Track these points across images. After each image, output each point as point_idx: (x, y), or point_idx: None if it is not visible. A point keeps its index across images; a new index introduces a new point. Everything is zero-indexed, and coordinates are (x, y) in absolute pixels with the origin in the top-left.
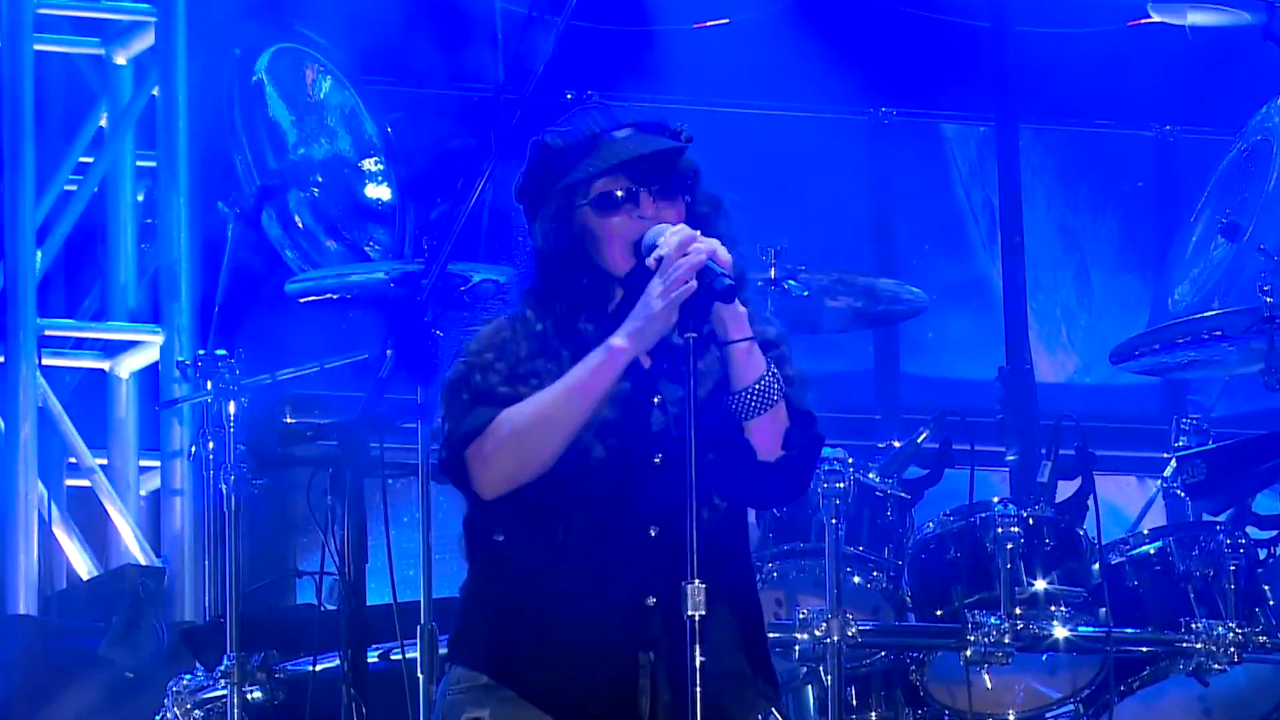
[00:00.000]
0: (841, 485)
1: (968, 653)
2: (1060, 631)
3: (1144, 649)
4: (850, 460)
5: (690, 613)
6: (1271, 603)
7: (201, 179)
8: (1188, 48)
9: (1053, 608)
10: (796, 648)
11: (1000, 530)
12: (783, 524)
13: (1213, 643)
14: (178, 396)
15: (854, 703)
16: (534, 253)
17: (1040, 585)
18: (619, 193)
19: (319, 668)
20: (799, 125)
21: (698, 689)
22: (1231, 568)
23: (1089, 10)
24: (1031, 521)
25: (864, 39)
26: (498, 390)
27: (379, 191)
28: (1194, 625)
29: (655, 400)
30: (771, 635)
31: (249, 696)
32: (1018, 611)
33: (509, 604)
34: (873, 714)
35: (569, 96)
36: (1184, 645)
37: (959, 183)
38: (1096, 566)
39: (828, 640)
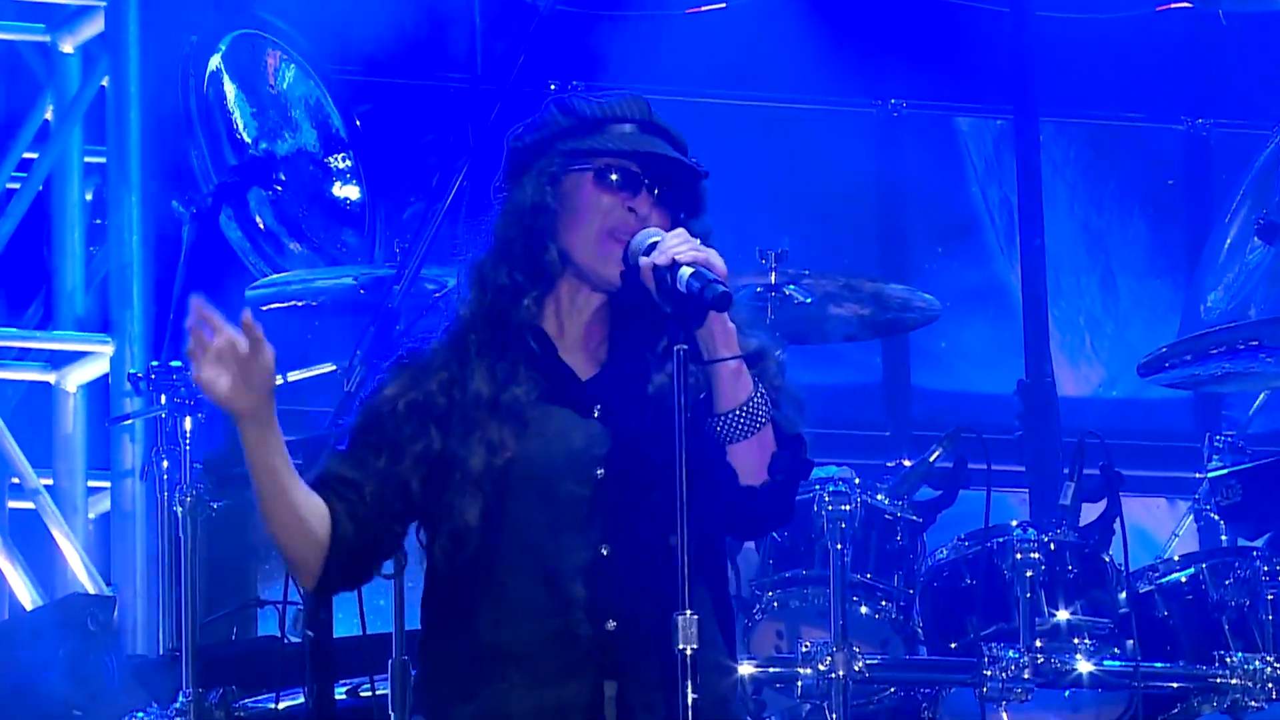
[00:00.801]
0: (847, 508)
1: (984, 689)
2: (1084, 666)
3: (1175, 684)
4: (857, 480)
5: (681, 646)
6: None
7: (155, 176)
8: (1221, 34)
9: (1076, 640)
10: (799, 683)
11: (1019, 556)
12: (784, 550)
13: (1249, 678)
14: (129, 411)
15: None
16: (507, 209)
17: (1062, 616)
18: (625, 175)
19: (282, 705)
20: (801, 118)
21: None
22: (1269, 597)
23: None
24: (1053, 547)
25: (871, 25)
26: (354, 452)
27: (347, 190)
28: (1229, 659)
29: (595, 413)
30: (772, 670)
31: None
32: (1038, 644)
33: (459, 642)
34: None
35: (552, 87)
36: (1218, 681)
37: (974, 180)
38: (1123, 595)
39: (832, 675)
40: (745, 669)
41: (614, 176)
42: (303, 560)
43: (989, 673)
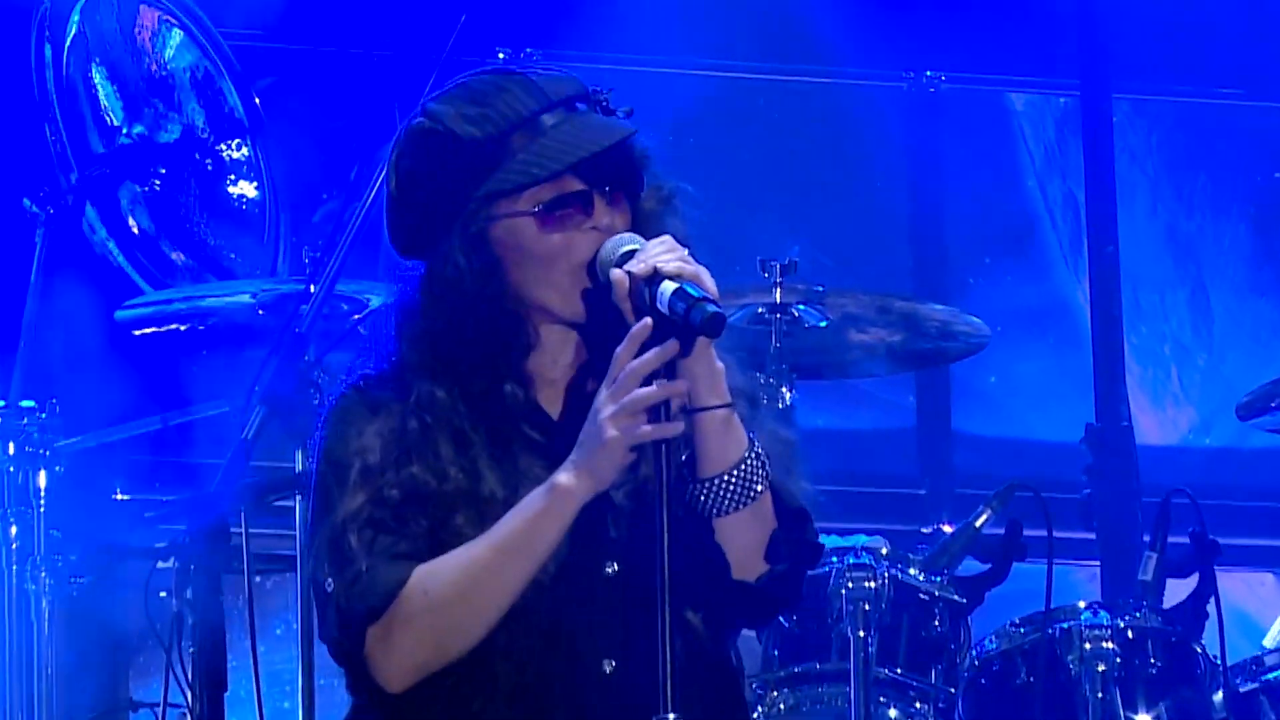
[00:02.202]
0: (872, 585)
1: None
2: None
3: None
4: (885, 551)
5: None
6: None
7: (1, 168)
8: None
9: None
10: None
11: (1089, 646)
12: (792, 638)
13: None
14: None
15: None
16: (434, 287)
17: None
18: (567, 200)
19: None
20: (815, 94)
21: None
22: None
23: None
24: (1131, 634)
25: None
26: (408, 525)
27: (243, 185)
28: None
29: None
30: None
31: None
32: None
33: None
34: None
35: (501, 56)
36: None
37: (1031, 173)
38: (1219, 696)
39: None
40: None
41: (568, 200)
42: (462, 648)
43: None
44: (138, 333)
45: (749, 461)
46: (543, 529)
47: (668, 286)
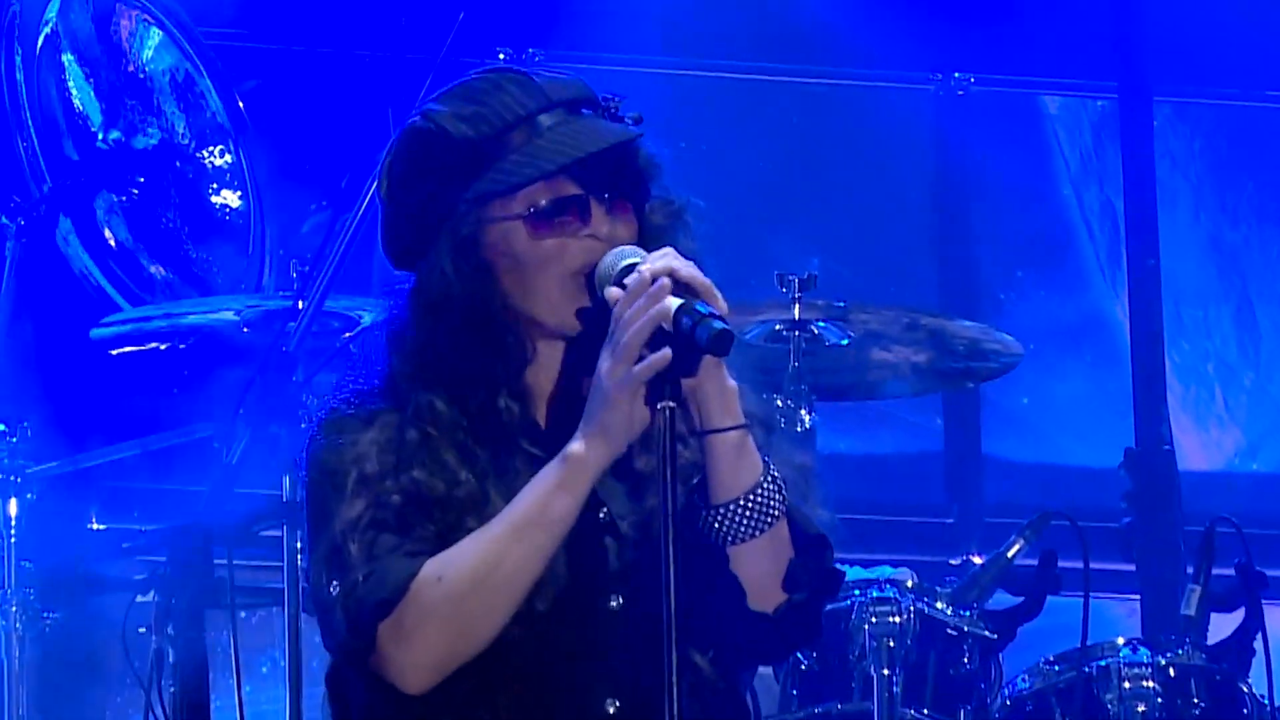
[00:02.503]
0: (898, 619)
1: None
2: None
3: None
4: (911, 584)
5: None
6: None
7: None
8: None
9: None
10: None
11: (1128, 685)
12: (811, 676)
13: None
14: None
15: None
16: (424, 296)
17: None
18: (562, 204)
19: None
20: (836, 98)
21: None
22: None
23: None
24: (1173, 672)
25: None
26: (413, 529)
27: (226, 194)
28: None
29: (601, 515)
30: None
31: None
32: None
33: None
34: None
35: (501, 57)
36: None
37: (1066, 180)
38: None
39: None
40: None
41: (562, 204)
42: (482, 639)
43: None
44: (115, 352)
45: (765, 486)
46: (559, 501)
47: (672, 302)
